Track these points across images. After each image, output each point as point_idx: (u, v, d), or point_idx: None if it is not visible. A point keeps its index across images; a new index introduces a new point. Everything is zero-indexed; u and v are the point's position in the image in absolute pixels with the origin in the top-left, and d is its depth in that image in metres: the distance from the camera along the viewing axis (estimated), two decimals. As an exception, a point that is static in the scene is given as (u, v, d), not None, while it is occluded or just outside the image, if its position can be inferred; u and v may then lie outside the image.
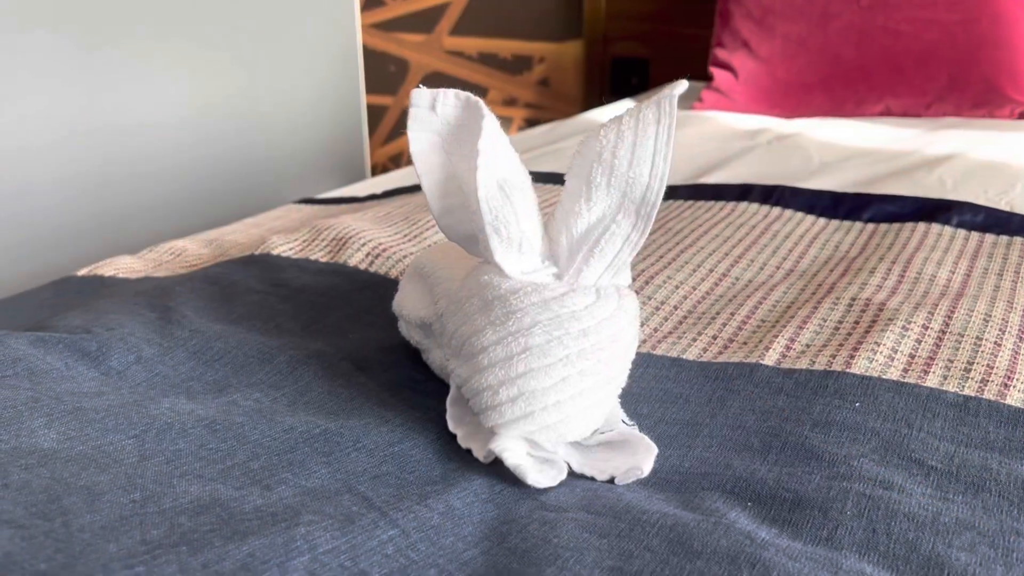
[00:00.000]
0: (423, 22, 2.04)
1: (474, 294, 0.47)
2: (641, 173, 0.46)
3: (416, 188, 1.00)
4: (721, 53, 1.53)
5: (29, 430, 0.43)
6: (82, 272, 0.81)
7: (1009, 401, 0.49)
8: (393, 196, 1.00)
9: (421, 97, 0.48)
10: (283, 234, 0.76)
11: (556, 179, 0.96)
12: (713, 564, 0.36)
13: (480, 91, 2.03)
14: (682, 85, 0.47)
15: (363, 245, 0.72)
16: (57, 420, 0.44)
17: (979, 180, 0.92)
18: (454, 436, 0.48)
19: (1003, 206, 0.82)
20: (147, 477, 0.40)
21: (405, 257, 0.71)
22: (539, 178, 0.98)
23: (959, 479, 0.43)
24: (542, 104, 2.03)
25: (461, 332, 0.47)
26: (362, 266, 0.69)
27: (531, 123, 2.04)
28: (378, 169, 2.13)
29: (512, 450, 0.44)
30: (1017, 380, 0.51)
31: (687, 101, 1.58)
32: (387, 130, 2.12)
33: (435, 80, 2.06)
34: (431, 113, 0.48)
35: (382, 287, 0.66)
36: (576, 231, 0.47)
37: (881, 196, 0.84)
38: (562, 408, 0.44)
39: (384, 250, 0.71)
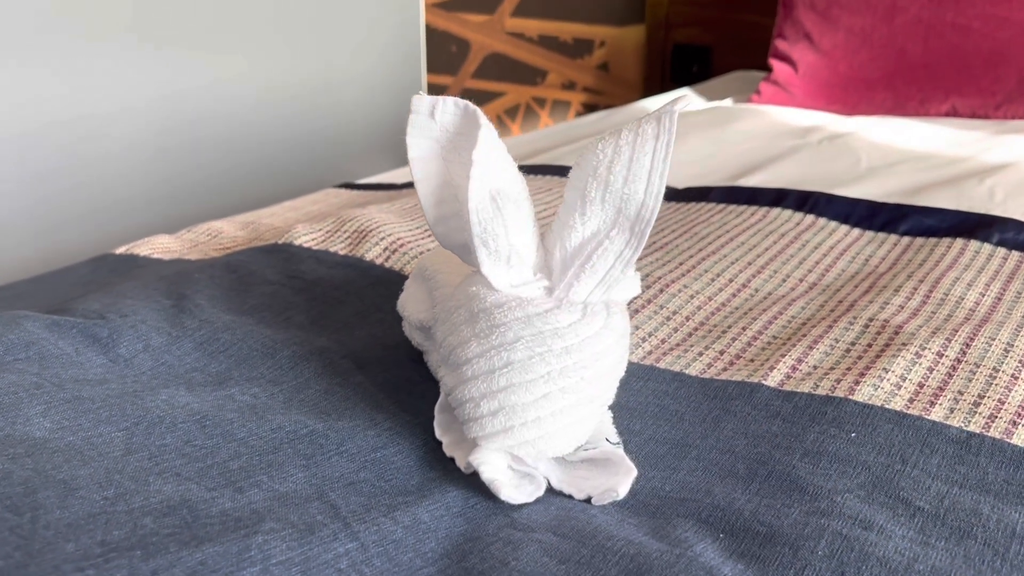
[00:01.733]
0: (486, 2, 2.03)
1: (462, 304, 0.47)
2: (636, 190, 0.45)
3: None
4: (782, 45, 1.49)
5: (25, 418, 0.45)
6: (120, 250, 0.83)
7: (1015, 441, 0.47)
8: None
9: (421, 104, 0.48)
10: (307, 224, 0.77)
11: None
12: (667, 599, 0.35)
13: (539, 74, 2.02)
14: (685, 100, 0.46)
15: (382, 239, 0.72)
16: (54, 408, 0.46)
17: (1032, 193, 0.88)
18: (440, 443, 0.48)
19: (1053, 223, 0.79)
20: (126, 473, 0.41)
21: (421, 253, 0.71)
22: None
23: (945, 523, 0.41)
24: (601, 89, 2.01)
25: (448, 342, 0.47)
26: (378, 261, 0.70)
27: (589, 108, 2.02)
28: (434, 149, 2.12)
29: (489, 463, 0.44)
30: (1027, 418, 0.49)
31: (745, 94, 1.54)
32: (445, 110, 2.12)
33: (495, 61, 2.06)
34: (430, 120, 0.48)
35: (395, 284, 0.66)
36: (570, 245, 0.47)
37: (920, 208, 0.81)
38: (542, 424, 0.44)
39: (401, 245, 0.71)
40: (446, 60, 2.10)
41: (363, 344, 0.59)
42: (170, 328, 0.57)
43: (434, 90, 2.09)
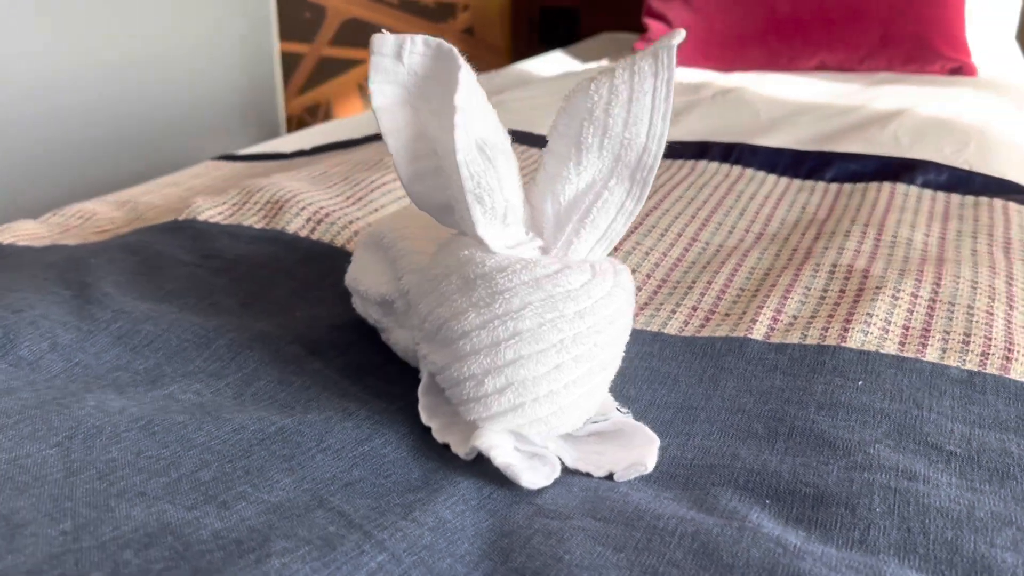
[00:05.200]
0: (340, -35, 1.92)
1: (452, 271, 0.41)
2: (638, 133, 0.41)
3: (351, 144, 0.93)
4: (655, 3, 1.48)
5: (-75, 442, 0.36)
6: (-25, 240, 0.72)
7: (1013, 376, 0.47)
8: (324, 152, 0.92)
9: (384, 44, 0.42)
10: (209, 197, 0.69)
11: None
12: (747, 579, 0.32)
13: (401, 40, 1.94)
14: (680, 34, 0.42)
15: (302, 209, 0.65)
16: (-40, 428, 0.37)
17: (932, 138, 0.90)
18: (428, 429, 0.43)
19: (962, 165, 0.81)
20: (77, 499, 0.33)
21: (351, 223, 0.64)
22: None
23: (981, 465, 0.40)
24: (467, 55, 1.95)
25: (437, 314, 0.41)
26: (302, 233, 0.63)
27: (455, 74, 1.96)
28: (293, 121, 2.02)
29: (500, 447, 0.39)
30: (1018, 353, 0.49)
31: (619, 55, 1.53)
32: (302, 80, 2.01)
33: (353, 27, 1.96)
34: (396, 63, 0.42)
35: (328, 257, 0.60)
36: (564, 199, 0.42)
37: (843, 155, 0.81)
38: (555, 399, 0.39)
39: (326, 215, 0.64)
40: (300, 27, 1.98)
41: (308, 326, 0.52)
42: (78, 322, 0.49)
43: (289, 59, 1.97)
